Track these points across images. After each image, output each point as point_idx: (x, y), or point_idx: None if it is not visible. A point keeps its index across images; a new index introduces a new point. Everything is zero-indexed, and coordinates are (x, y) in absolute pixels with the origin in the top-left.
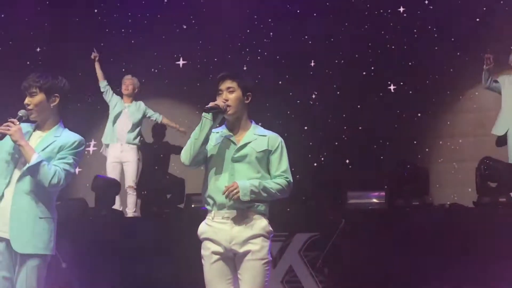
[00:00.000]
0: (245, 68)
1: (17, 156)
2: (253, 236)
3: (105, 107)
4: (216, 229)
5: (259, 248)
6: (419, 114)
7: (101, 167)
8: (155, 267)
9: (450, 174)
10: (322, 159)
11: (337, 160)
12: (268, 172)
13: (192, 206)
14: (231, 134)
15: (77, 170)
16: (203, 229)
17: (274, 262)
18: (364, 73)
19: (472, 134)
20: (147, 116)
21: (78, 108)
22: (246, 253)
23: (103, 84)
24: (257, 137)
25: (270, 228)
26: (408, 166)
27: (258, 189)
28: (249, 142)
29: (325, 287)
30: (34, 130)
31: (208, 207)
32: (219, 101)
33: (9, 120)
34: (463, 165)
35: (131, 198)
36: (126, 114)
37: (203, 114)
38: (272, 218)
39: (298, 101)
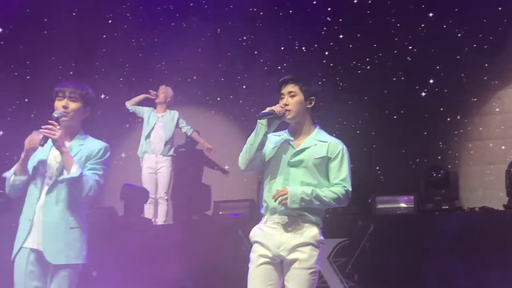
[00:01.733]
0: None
1: (45, 168)
2: (301, 244)
3: (133, 118)
4: (266, 234)
5: (307, 257)
6: (448, 119)
7: (130, 178)
8: (185, 275)
9: (480, 178)
10: (351, 165)
11: (366, 166)
12: (328, 179)
13: (220, 213)
14: (291, 138)
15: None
16: (255, 232)
17: None
18: (393, 78)
19: (501, 136)
20: (179, 126)
21: (107, 120)
22: (293, 260)
23: (129, 106)
24: (318, 143)
25: (321, 237)
26: (441, 172)
27: (310, 197)
28: (307, 147)
29: None
30: None
31: (263, 211)
32: (276, 107)
33: (49, 121)
34: (493, 168)
35: (162, 208)
36: (159, 124)
37: (258, 120)
38: None
39: (325, 107)
